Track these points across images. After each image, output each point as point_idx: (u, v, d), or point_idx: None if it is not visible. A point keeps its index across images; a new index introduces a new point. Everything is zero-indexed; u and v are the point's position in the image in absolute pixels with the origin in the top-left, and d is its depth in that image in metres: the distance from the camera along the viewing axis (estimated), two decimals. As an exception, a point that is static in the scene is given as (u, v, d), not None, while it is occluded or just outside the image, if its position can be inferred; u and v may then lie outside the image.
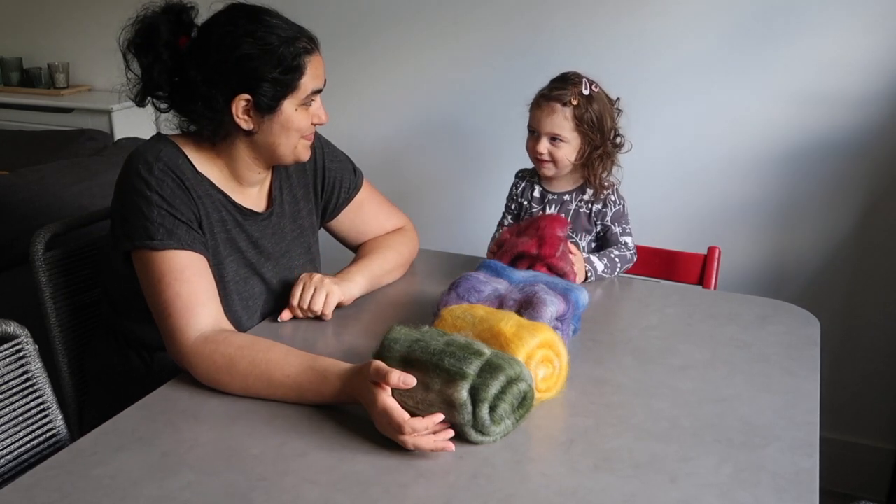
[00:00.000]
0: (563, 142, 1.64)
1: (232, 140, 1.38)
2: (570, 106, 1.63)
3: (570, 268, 1.49)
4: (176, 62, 1.34)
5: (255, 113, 1.34)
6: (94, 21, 3.09)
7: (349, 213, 1.63)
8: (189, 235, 1.31)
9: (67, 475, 1.02)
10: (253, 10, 1.35)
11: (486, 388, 1.06)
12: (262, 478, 1.01)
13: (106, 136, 2.75)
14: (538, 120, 1.66)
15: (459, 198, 2.63)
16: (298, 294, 1.43)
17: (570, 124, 1.63)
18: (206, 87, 1.32)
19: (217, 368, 1.21)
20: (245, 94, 1.32)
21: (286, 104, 1.34)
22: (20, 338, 1.25)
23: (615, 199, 1.69)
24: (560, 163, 1.66)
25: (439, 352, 1.08)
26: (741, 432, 1.11)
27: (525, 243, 1.49)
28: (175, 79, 1.35)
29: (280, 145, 1.38)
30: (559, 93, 1.64)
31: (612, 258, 1.65)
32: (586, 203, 1.70)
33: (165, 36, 1.32)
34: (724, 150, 2.27)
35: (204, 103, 1.33)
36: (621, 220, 1.70)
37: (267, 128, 1.35)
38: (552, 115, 1.64)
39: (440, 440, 1.05)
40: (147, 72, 1.35)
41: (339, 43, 2.60)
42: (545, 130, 1.64)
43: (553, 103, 1.64)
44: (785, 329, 1.44)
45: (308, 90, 1.35)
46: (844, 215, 2.20)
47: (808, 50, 2.12)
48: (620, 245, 1.69)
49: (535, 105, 1.69)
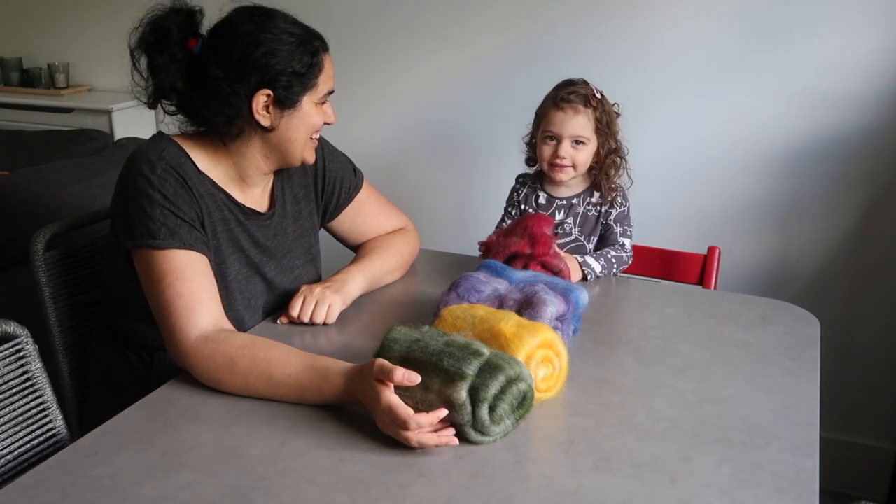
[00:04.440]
0: (585, 144, 1.62)
1: (246, 138, 1.39)
2: (590, 107, 1.62)
3: (564, 265, 1.49)
4: (189, 63, 1.35)
5: (274, 108, 1.35)
6: (94, 21, 3.09)
7: (349, 214, 1.64)
8: (191, 235, 1.31)
9: (67, 475, 1.02)
10: (270, 11, 1.37)
11: (485, 389, 1.06)
12: (262, 478, 1.01)
13: (106, 136, 2.75)
14: (560, 122, 1.62)
15: (460, 198, 2.63)
16: (298, 307, 1.43)
17: (592, 126, 1.63)
18: (227, 83, 1.32)
19: (217, 368, 1.21)
20: (266, 89, 1.33)
21: (306, 99, 1.37)
22: (20, 338, 1.25)
23: (621, 201, 1.69)
24: (580, 167, 1.64)
25: (438, 352, 1.08)
26: (741, 432, 1.11)
27: (516, 244, 1.49)
28: (190, 81, 1.35)
29: (295, 141, 1.39)
30: (580, 94, 1.62)
31: (609, 259, 1.65)
32: (594, 206, 1.69)
33: (178, 37, 1.33)
34: (725, 150, 2.27)
35: (223, 100, 1.33)
36: (624, 221, 1.69)
37: (286, 123, 1.37)
38: (576, 116, 1.62)
39: (444, 435, 1.06)
40: (163, 72, 1.35)
41: (344, 46, 2.59)
42: (569, 133, 1.61)
43: (576, 105, 1.62)
44: (785, 329, 1.44)
45: (324, 90, 1.39)
46: (844, 215, 2.20)
47: (809, 50, 2.12)
48: (617, 246, 1.68)
49: (552, 108, 1.64)
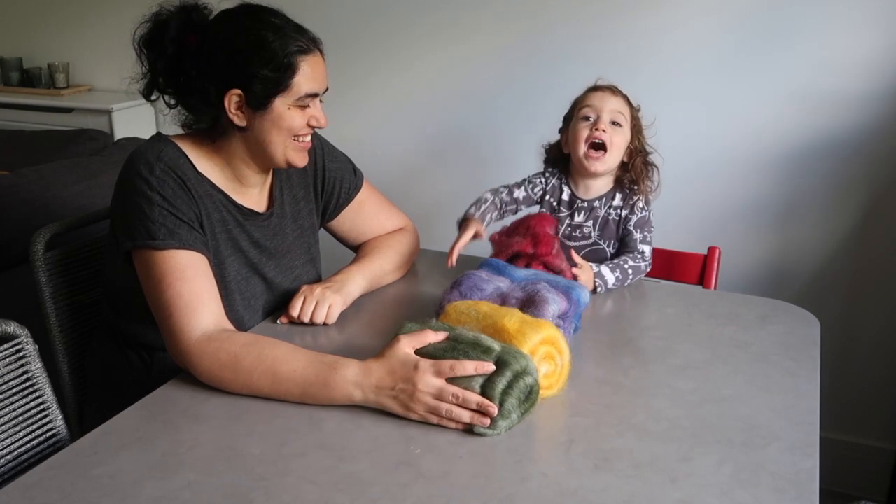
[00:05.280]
0: (621, 127, 1.61)
1: (228, 137, 1.39)
2: (623, 97, 1.63)
3: (565, 265, 1.49)
4: (181, 58, 1.35)
5: (247, 109, 1.34)
6: (94, 21, 3.09)
7: (349, 214, 1.63)
8: (190, 235, 1.31)
9: (67, 475, 1.02)
10: (255, 8, 1.35)
11: (492, 387, 1.09)
12: (262, 478, 1.01)
13: (106, 136, 2.75)
14: (599, 99, 1.61)
15: (460, 198, 2.62)
16: (299, 307, 1.43)
17: (628, 112, 1.62)
18: (199, 80, 1.32)
19: (221, 366, 1.21)
20: (237, 89, 1.32)
21: (278, 102, 1.33)
22: (20, 338, 1.24)
23: (642, 206, 1.65)
24: (614, 154, 1.61)
25: (451, 349, 1.12)
26: (741, 432, 1.11)
27: (519, 243, 1.49)
28: (180, 77, 1.36)
29: (271, 143, 1.37)
30: (615, 86, 1.64)
31: (626, 269, 1.60)
32: (615, 209, 1.66)
33: (173, 32, 1.33)
34: (725, 150, 2.27)
35: (199, 98, 1.34)
36: (644, 226, 1.65)
37: (259, 125, 1.35)
38: (615, 97, 1.62)
39: (476, 416, 1.09)
40: (153, 66, 1.36)
41: (344, 47, 2.60)
42: (608, 109, 1.60)
43: (614, 88, 1.63)
44: (785, 329, 1.44)
45: (302, 91, 1.34)
46: (844, 215, 2.20)
47: (809, 50, 2.12)
48: (637, 254, 1.63)
49: (590, 91, 1.64)
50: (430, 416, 1.11)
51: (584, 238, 1.67)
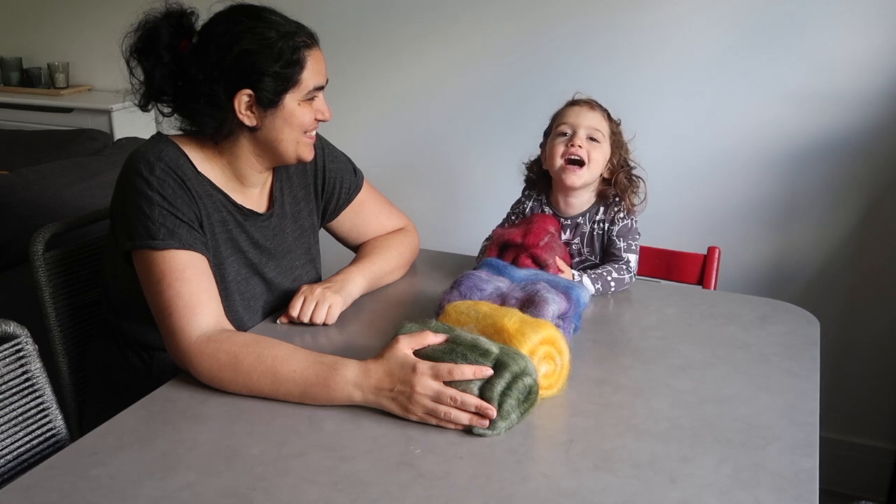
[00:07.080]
0: (599, 143, 1.59)
1: (235, 138, 1.38)
2: (601, 112, 1.62)
3: (552, 260, 1.48)
4: (177, 65, 1.35)
5: (257, 108, 1.34)
6: (94, 21, 3.09)
7: (349, 214, 1.63)
8: (190, 235, 1.31)
9: (67, 475, 1.02)
10: (251, 8, 1.36)
11: (490, 389, 1.09)
12: (262, 478, 1.01)
13: (106, 136, 2.75)
14: (576, 115, 1.60)
15: (460, 198, 2.63)
16: (299, 307, 1.43)
17: (606, 127, 1.61)
18: (208, 84, 1.32)
19: (221, 366, 1.21)
20: (247, 89, 1.32)
21: (288, 98, 1.35)
22: (20, 338, 1.24)
23: (623, 216, 1.62)
24: (592, 170, 1.59)
25: (450, 351, 1.12)
26: (741, 432, 1.11)
27: (511, 233, 1.49)
28: (178, 82, 1.36)
29: (283, 141, 1.38)
30: (593, 100, 1.62)
31: (608, 281, 1.57)
32: (598, 223, 1.64)
33: (166, 39, 1.33)
34: (725, 150, 2.27)
35: (207, 101, 1.34)
36: (627, 235, 1.62)
37: (270, 123, 1.36)
38: (592, 111, 1.61)
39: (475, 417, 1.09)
40: (149, 76, 1.36)
41: (345, 47, 2.60)
42: (584, 124, 1.59)
43: (591, 103, 1.63)
44: (785, 329, 1.44)
45: (310, 85, 1.36)
46: (844, 215, 2.20)
47: (809, 50, 2.12)
48: (622, 264, 1.60)
49: (567, 106, 1.64)
50: (429, 418, 1.11)
51: (576, 255, 1.65)
